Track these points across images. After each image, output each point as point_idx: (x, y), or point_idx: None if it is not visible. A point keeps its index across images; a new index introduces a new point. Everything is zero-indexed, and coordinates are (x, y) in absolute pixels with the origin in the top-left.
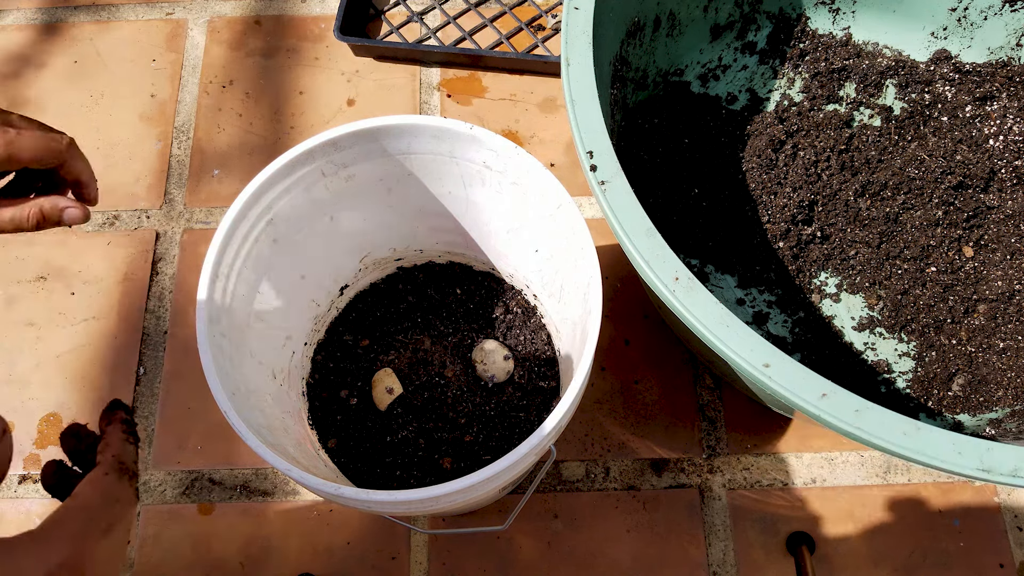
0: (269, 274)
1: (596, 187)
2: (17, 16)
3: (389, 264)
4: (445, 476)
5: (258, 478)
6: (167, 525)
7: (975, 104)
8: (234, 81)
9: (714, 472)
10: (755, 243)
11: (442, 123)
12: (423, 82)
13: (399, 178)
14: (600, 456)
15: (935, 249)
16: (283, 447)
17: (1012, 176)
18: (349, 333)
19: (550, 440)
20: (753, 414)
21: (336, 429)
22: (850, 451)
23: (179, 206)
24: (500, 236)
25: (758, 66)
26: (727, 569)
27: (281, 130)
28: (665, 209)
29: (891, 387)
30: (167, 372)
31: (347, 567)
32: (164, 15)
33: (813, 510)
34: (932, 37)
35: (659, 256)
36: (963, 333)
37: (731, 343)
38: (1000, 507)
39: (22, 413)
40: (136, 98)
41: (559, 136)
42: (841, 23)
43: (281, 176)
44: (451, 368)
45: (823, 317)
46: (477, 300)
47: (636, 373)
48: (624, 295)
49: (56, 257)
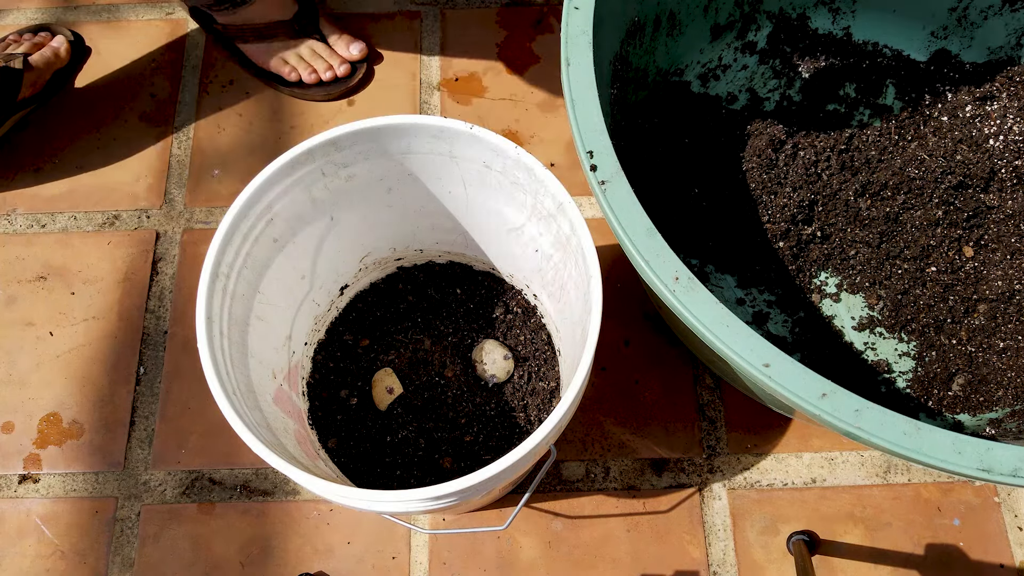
0: (269, 274)
1: (596, 187)
2: (17, 16)
3: (389, 264)
4: (445, 476)
5: (258, 478)
6: (167, 525)
7: (975, 104)
8: (234, 81)
9: (714, 472)
10: (755, 243)
11: (442, 123)
12: (423, 82)
13: (399, 178)
14: (600, 456)
15: (935, 249)
16: (283, 447)
17: (1012, 176)
18: (349, 333)
19: (550, 440)
20: (753, 414)
21: (336, 429)
22: (850, 451)
23: (179, 206)
24: (500, 236)
25: (758, 66)
26: (727, 569)
27: (281, 130)
28: (665, 209)
29: (891, 387)
30: (167, 372)
31: (347, 567)
32: (164, 15)
33: (813, 510)
34: (932, 37)
35: (659, 256)
36: (963, 333)
37: (731, 343)
38: (1000, 507)
39: (22, 413)
40: (136, 98)
41: (559, 136)
42: (841, 23)
43: (281, 176)
44: (451, 368)
45: (823, 317)
46: (477, 300)
47: (636, 373)
48: (624, 295)
49: (56, 257)
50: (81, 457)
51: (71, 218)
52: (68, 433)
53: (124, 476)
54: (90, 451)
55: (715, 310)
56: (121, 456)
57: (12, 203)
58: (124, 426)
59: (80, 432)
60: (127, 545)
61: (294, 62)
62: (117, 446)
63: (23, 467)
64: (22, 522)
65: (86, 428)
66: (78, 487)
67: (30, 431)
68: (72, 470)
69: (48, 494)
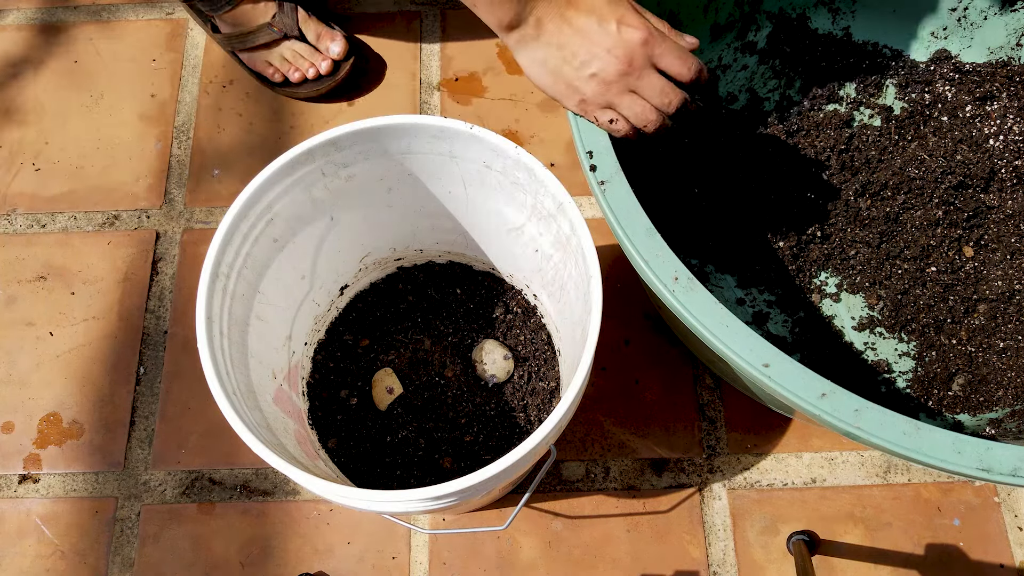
0: (269, 274)
1: (596, 187)
2: (17, 16)
3: (389, 264)
4: (445, 476)
5: (258, 478)
6: (167, 525)
7: (975, 104)
8: (234, 81)
9: (714, 472)
10: (755, 243)
11: (442, 123)
12: (423, 82)
13: (399, 178)
14: (600, 456)
15: (935, 249)
16: (283, 447)
17: (1012, 176)
18: (349, 333)
19: (550, 440)
20: (753, 414)
21: (336, 429)
22: (850, 451)
23: (179, 206)
24: (500, 236)
25: (758, 66)
26: (727, 569)
27: (281, 130)
28: (665, 209)
29: (891, 387)
30: (167, 372)
31: (347, 567)
32: (164, 15)
33: (813, 510)
34: (932, 37)
35: (659, 256)
36: (963, 333)
37: (731, 343)
38: (1000, 507)
39: (22, 413)
40: (136, 98)
41: (559, 136)
42: (841, 23)
43: (281, 176)
44: (451, 368)
45: (823, 317)
46: (477, 300)
47: (636, 373)
48: (624, 295)
49: (56, 257)
50: (81, 457)
51: (71, 218)
52: (68, 433)
53: (124, 476)
54: (90, 451)
55: (715, 310)
56: (121, 456)
57: (12, 203)
58: (124, 426)
59: (80, 432)
60: (127, 545)
61: (277, 63)
62: (117, 446)
63: (23, 467)
64: (22, 522)
65: (86, 428)
66: (78, 487)
67: (30, 431)
68: (72, 470)
69: (48, 494)
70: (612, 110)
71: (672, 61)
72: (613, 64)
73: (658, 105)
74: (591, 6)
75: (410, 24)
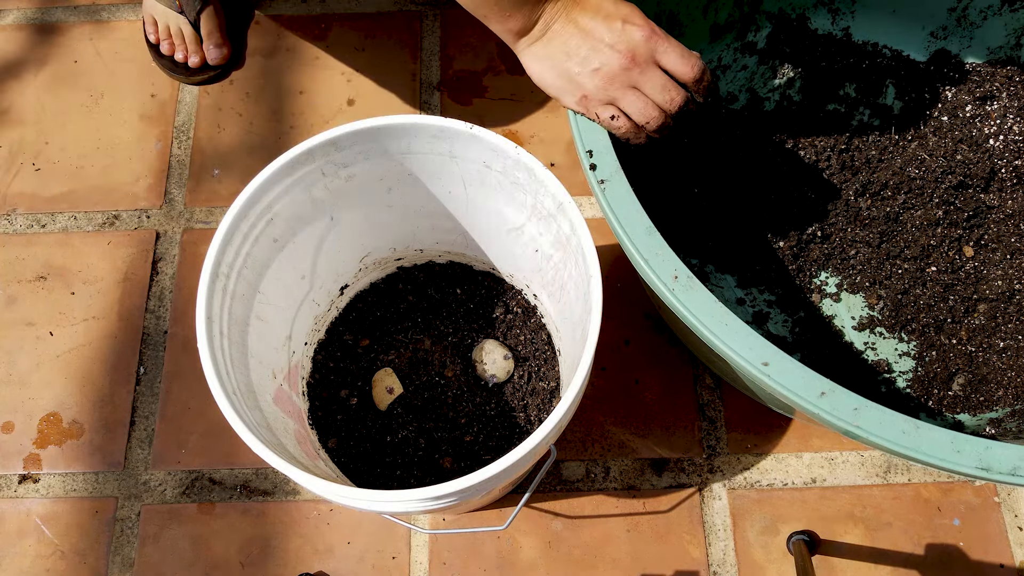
0: (269, 274)
1: (596, 186)
2: (17, 16)
3: (389, 264)
4: (445, 476)
5: (258, 478)
6: (167, 525)
7: (975, 104)
8: (234, 81)
9: (714, 472)
10: (755, 243)
11: (442, 123)
12: (423, 82)
13: (399, 178)
14: (600, 456)
15: (935, 249)
16: (283, 447)
17: (1012, 176)
18: (349, 333)
19: (550, 440)
20: (753, 414)
21: (336, 429)
22: (850, 451)
23: (179, 206)
24: (500, 236)
25: (758, 66)
26: (727, 569)
27: (281, 130)
28: (665, 209)
29: (891, 387)
30: (167, 372)
31: (347, 567)
32: None
33: (813, 510)
34: (932, 37)
35: (659, 255)
36: (963, 333)
37: (730, 342)
38: (1000, 507)
39: (22, 413)
40: (136, 98)
41: (559, 136)
42: (841, 23)
43: (281, 176)
44: (451, 368)
45: (823, 317)
46: (477, 300)
47: (636, 373)
48: (624, 295)
49: (56, 257)
50: (81, 457)
51: (71, 218)
52: (68, 433)
53: (124, 476)
54: (90, 451)
55: (714, 309)
56: (121, 456)
57: (12, 203)
58: (124, 426)
59: (80, 432)
60: (127, 545)
61: (161, 28)
62: (117, 446)
63: (23, 467)
64: (22, 522)
65: (86, 428)
66: (78, 487)
67: (30, 431)
68: (72, 470)
69: (48, 494)
70: (613, 106)
71: (675, 59)
72: (616, 58)
73: (660, 102)
74: (597, 6)
75: (410, 24)
